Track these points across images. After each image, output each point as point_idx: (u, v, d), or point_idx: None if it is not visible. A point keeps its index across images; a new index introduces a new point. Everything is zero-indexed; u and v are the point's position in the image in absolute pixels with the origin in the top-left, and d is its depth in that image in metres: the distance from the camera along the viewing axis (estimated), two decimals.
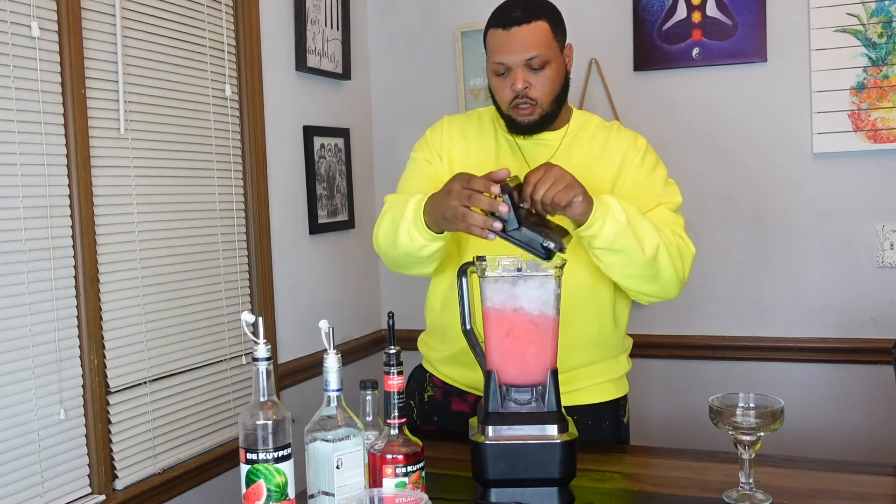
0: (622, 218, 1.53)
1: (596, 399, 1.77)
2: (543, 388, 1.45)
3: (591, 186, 1.64)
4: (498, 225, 1.43)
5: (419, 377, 1.92)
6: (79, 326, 1.89)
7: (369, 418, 1.37)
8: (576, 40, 2.80)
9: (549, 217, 1.54)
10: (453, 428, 1.81)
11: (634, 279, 1.64)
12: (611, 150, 1.75)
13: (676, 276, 1.64)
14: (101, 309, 1.94)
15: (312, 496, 1.29)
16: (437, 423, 1.87)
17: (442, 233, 1.57)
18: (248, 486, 1.23)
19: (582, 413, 1.73)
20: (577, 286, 1.66)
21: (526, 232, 1.43)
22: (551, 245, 1.42)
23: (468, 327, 1.55)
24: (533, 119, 1.69)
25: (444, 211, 1.50)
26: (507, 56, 1.65)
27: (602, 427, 1.78)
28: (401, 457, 1.29)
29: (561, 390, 1.46)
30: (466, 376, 1.80)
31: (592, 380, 1.76)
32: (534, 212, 1.52)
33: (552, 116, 1.72)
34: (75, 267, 1.88)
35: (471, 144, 1.80)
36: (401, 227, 1.61)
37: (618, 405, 1.81)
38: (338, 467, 1.26)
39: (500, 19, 1.67)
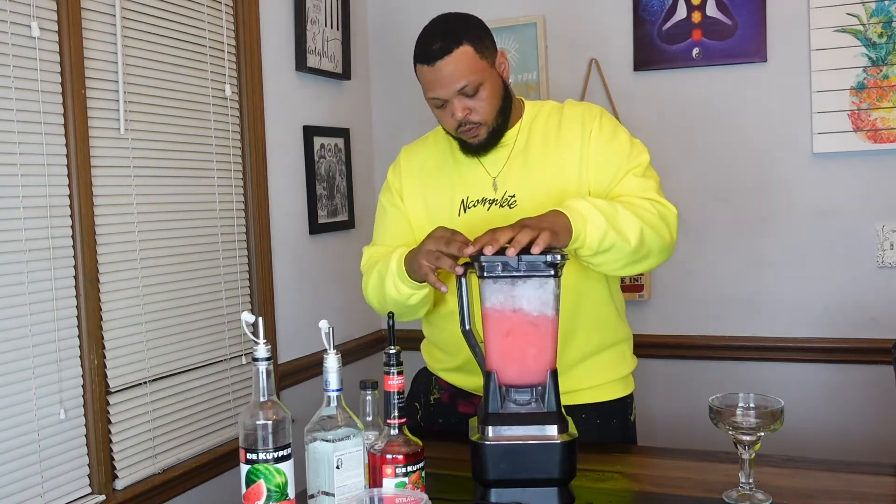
0: (601, 222, 1.53)
1: (603, 397, 1.77)
2: (543, 389, 1.45)
3: (557, 164, 1.68)
4: (459, 270, 1.50)
5: (425, 380, 1.93)
6: (79, 326, 1.89)
7: (369, 418, 1.38)
8: (576, 40, 2.85)
9: None
10: (458, 429, 1.80)
11: (627, 267, 1.64)
12: (567, 123, 1.75)
13: (665, 245, 1.64)
14: (101, 309, 1.94)
15: (312, 496, 1.30)
16: (443, 424, 1.87)
17: (423, 281, 1.62)
18: (248, 486, 1.24)
19: (589, 411, 1.73)
20: (565, 269, 1.65)
21: (526, 260, 1.43)
22: (549, 258, 1.42)
23: (467, 328, 1.55)
24: (483, 139, 1.71)
25: (414, 265, 1.59)
26: (437, 91, 1.65)
27: (610, 425, 1.78)
28: (401, 457, 1.30)
29: (569, 389, 1.46)
30: (475, 383, 1.80)
31: (600, 378, 1.76)
32: None
33: (502, 129, 1.73)
34: (75, 267, 1.88)
35: (431, 174, 1.82)
36: (387, 280, 1.68)
37: (625, 403, 1.81)
38: (338, 467, 1.26)
39: (422, 54, 1.66)
